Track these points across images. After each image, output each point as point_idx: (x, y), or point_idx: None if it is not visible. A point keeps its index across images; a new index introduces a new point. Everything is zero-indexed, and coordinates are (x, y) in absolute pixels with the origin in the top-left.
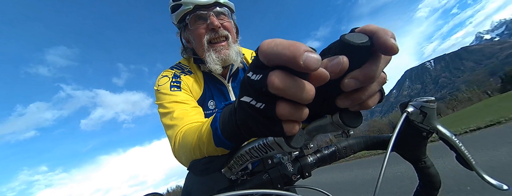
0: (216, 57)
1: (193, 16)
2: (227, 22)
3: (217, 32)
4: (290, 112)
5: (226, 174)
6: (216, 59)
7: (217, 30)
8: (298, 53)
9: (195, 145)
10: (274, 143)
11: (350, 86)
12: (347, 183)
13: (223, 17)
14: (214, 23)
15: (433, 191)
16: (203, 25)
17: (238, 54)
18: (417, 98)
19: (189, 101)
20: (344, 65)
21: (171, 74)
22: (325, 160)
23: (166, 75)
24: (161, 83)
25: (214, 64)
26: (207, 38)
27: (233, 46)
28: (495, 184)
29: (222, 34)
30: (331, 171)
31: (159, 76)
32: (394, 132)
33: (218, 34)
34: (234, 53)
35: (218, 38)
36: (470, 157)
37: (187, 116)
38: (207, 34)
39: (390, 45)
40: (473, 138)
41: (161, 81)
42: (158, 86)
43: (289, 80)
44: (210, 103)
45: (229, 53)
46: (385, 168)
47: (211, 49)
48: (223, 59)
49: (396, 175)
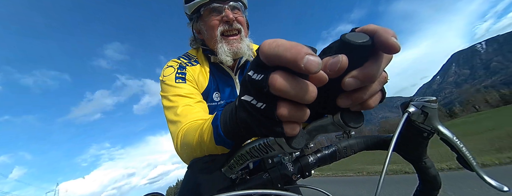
0: (228, 49)
1: (208, 8)
2: (241, 16)
3: (231, 25)
4: (291, 112)
5: (226, 173)
6: (228, 51)
7: (231, 23)
8: (299, 56)
9: (196, 143)
10: (275, 143)
11: (350, 85)
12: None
13: (237, 12)
14: (229, 16)
15: (433, 191)
16: (217, 17)
17: (249, 48)
18: (418, 98)
19: (194, 95)
20: (343, 64)
21: (177, 65)
22: (325, 160)
23: (171, 66)
24: (166, 74)
25: (225, 56)
26: (220, 30)
27: (245, 40)
28: (495, 185)
29: (235, 28)
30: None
31: (165, 66)
32: (395, 132)
33: (231, 27)
34: (245, 46)
35: (231, 31)
36: (471, 158)
37: (190, 113)
38: (221, 26)
39: (391, 44)
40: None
41: (167, 72)
42: (163, 76)
43: (290, 81)
44: (215, 95)
45: (241, 47)
46: (386, 168)
47: (223, 41)
48: (235, 52)
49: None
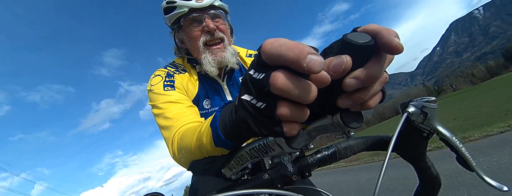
0: (212, 59)
1: (187, 19)
2: (222, 24)
3: (213, 35)
4: (291, 112)
5: (226, 173)
6: (212, 61)
7: (212, 32)
8: (301, 56)
9: (194, 146)
10: (275, 144)
11: (351, 86)
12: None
13: (218, 20)
14: (209, 26)
15: (433, 192)
16: (198, 27)
17: (233, 54)
18: (417, 98)
19: (184, 100)
20: (347, 65)
21: (164, 74)
22: (325, 160)
23: (159, 75)
24: (154, 83)
25: (210, 66)
26: (203, 40)
27: (229, 48)
28: (495, 185)
29: (217, 37)
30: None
31: (152, 75)
32: (395, 133)
33: (214, 36)
34: (229, 54)
35: (213, 41)
36: (470, 158)
37: (183, 116)
38: (203, 37)
39: (395, 44)
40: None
41: (154, 81)
42: (150, 86)
43: (292, 81)
44: (206, 102)
45: (225, 55)
46: (385, 168)
47: (207, 51)
48: (219, 61)
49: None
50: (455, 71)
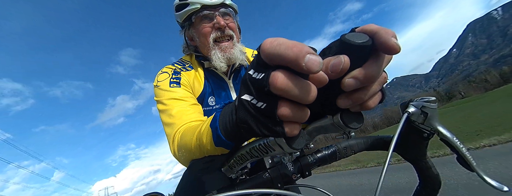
0: (222, 55)
1: (199, 16)
2: (232, 22)
3: (223, 32)
4: (292, 112)
5: (226, 172)
6: (222, 57)
7: (223, 29)
8: (300, 55)
9: (194, 145)
10: (275, 144)
11: (350, 86)
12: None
13: (228, 18)
14: (220, 23)
15: (433, 192)
16: (209, 24)
17: (242, 53)
18: (417, 98)
19: (188, 98)
20: (345, 65)
21: (171, 71)
22: (325, 160)
23: (166, 72)
24: (160, 80)
25: (219, 62)
26: (213, 37)
27: (238, 45)
28: (495, 185)
29: (227, 34)
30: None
31: (159, 72)
32: (396, 133)
33: (223, 33)
34: (238, 52)
35: (223, 37)
36: (470, 158)
37: (185, 114)
38: (213, 33)
39: (392, 44)
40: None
41: (161, 78)
42: (157, 82)
43: (291, 80)
44: (210, 99)
45: (234, 52)
46: (386, 168)
47: (216, 47)
48: (228, 58)
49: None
50: (469, 76)
